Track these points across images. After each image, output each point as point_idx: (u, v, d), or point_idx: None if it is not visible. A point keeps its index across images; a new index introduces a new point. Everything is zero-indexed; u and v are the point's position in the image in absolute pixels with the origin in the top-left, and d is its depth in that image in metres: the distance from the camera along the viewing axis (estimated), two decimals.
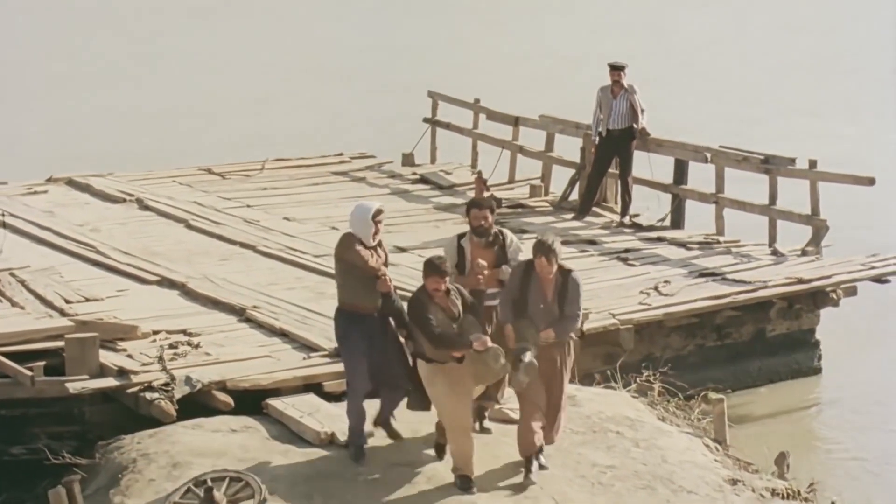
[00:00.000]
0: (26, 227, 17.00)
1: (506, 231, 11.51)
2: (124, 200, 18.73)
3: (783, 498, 11.30)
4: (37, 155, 26.71)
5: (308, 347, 12.71)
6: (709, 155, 17.69)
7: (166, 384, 11.58)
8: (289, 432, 11.46)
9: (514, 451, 10.94)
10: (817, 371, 16.10)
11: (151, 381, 11.63)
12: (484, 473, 10.81)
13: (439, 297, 10.51)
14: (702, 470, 11.47)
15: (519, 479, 10.77)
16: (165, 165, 21.93)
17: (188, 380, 11.63)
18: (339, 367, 12.16)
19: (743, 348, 15.50)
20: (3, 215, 16.38)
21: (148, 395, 11.47)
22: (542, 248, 10.67)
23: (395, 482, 10.69)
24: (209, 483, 10.28)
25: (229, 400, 11.71)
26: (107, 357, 12.04)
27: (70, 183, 19.73)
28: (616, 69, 18.01)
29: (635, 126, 17.97)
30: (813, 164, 16.67)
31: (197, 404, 11.74)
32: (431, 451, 11.05)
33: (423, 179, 20.61)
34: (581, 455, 11.37)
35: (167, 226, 17.54)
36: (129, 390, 11.62)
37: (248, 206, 18.65)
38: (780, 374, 15.77)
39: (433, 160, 21.86)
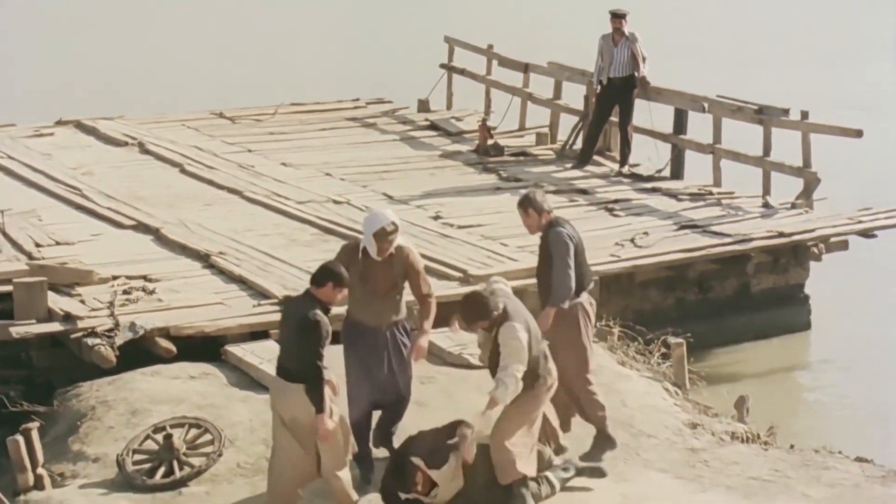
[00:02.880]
0: (21, 169, 17.13)
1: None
2: (126, 144, 18.78)
3: (743, 441, 11.22)
4: (62, 97, 26.90)
5: (262, 295, 12.67)
6: (706, 104, 17.40)
7: (110, 330, 11.58)
8: (248, 379, 11.45)
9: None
10: (806, 327, 15.79)
11: (95, 327, 11.63)
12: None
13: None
14: (661, 414, 11.43)
15: None
16: (187, 109, 22.01)
17: (132, 326, 11.62)
18: None
19: (726, 303, 15.24)
20: None
21: (89, 341, 11.47)
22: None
23: None
24: (168, 430, 10.29)
25: (171, 347, 11.70)
26: (56, 302, 12.09)
27: (78, 126, 19.83)
28: (617, 17, 17.69)
29: (636, 74, 17.69)
30: (805, 115, 16.31)
31: (144, 351, 11.76)
32: None
33: (433, 126, 20.47)
34: None
35: (161, 170, 17.56)
36: (73, 335, 11.64)
37: (250, 150, 18.63)
38: (766, 331, 15.44)
39: (449, 106, 21.69)
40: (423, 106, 21.68)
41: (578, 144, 18.75)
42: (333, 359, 9.52)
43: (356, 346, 9.98)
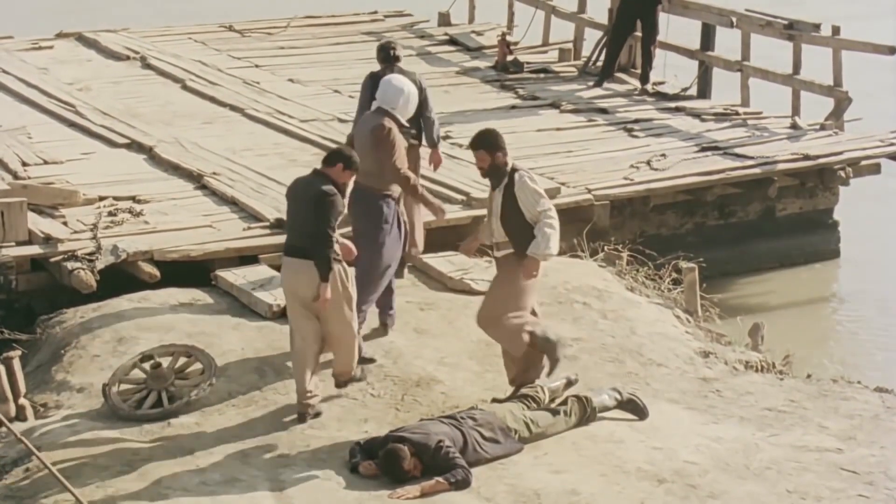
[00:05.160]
0: (14, 84, 16.59)
1: None
2: (128, 58, 18.15)
3: (757, 371, 10.78)
4: (65, 8, 26.18)
5: (254, 218, 12.15)
6: (734, 19, 16.64)
7: (91, 253, 11.10)
8: (239, 305, 11.00)
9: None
10: (835, 254, 15.12)
11: (76, 250, 11.15)
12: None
13: None
14: (672, 342, 10.98)
15: None
16: (196, 21, 21.35)
17: (114, 249, 11.15)
18: (277, 239, 11.65)
19: (749, 228, 14.58)
20: None
21: (69, 265, 10.99)
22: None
23: None
24: (157, 358, 9.84)
25: (155, 271, 11.24)
26: (37, 224, 11.61)
27: (80, 39, 19.22)
28: None
29: None
30: (836, 30, 15.55)
31: (131, 276, 11.29)
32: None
33: (452, 41, 19.75)
34: (546, 327, 10.73)
35: (162, 86, 16.97)
36: (53, 259, 11.16)
37: (257, 66, 18.00)
38: (792, 257, 14.82)
39: (471, 20, 20.95)
40: (444, 19, 20.94)
41: (602, 61, 18.01)
42: None
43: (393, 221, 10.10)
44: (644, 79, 17.07)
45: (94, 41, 18.97)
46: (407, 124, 10.39)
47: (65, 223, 11.82)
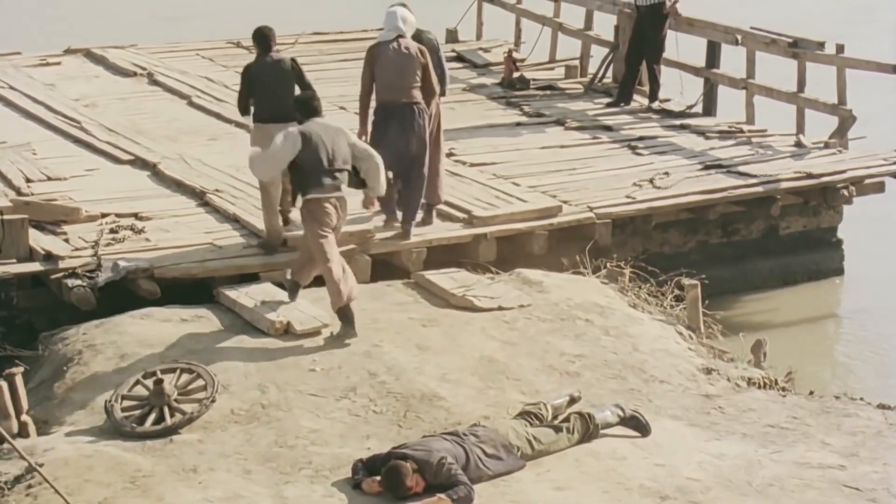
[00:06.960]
0: (20, 100, 16.59)
1: None
2: (135, 74, 18.17)
3: (759, 387, 10.76)
4: (75, 24, 26.24)
5: (255, 235, 12.13)
6: (739, 37, 16.63)
7: (91, 270, 11.10)
8: (242, 322, 11.00)
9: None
10: (839, 272, 15.06)
11: (77, 267, 11.15)
12: None
13: None
14: (674, 359, 10.96)
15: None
16: (206, 37, 21.39)
17: (114, 266, 11.13)
18: (278, 257, 11.79)
19: (752, 247, 14.53)
20: None
21: (69, 282, 10.99)
22: None
23: (351, 371, 10.22)
24: (159, 375, 9.84)
25: (155, 289, 11.23)
26: (38, 240, 11.62)
27: (87, 55, 19.24)
28: None
29: (667, 3, 16.77)
30: (840, 48, 15.53)
31: (132, 293, 11.30)
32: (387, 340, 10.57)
33: (459, 57, 19.76)
34: (549, 344, 10.89)
35: (169, 102, 16.96)
36: (54, 276, 11.16)
37: None
38: (795, 276, 14.77)
39: (478, 36, 20.98)
40: (452, 36, 20.92)
41: (608, 78, 18.04)
42: None
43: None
44: (652, 97, 17.03)
45: (101, 57, 18.99)
46: None
47: (66, 240, 11.82)
